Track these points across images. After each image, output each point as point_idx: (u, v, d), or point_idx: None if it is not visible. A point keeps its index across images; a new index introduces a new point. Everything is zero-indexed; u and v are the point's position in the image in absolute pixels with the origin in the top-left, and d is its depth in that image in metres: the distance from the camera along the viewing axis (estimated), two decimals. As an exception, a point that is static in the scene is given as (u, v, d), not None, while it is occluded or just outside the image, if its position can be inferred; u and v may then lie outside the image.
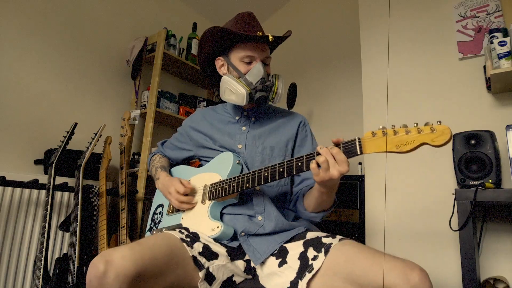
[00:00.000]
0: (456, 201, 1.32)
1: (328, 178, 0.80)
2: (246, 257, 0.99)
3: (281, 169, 0.89)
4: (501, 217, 1.48)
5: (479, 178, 1.35)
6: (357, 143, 0.77)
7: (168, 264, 0.81)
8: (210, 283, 0.87)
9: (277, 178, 0.90)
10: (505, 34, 1.44)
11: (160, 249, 0.82)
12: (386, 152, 0.74)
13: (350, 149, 0.79)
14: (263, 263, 0.95)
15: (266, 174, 0.92)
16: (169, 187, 1.08)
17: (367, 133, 0.77)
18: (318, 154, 0.82)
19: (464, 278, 1.26)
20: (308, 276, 0.83)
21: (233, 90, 1.06)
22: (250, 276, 0.99)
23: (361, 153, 0.77)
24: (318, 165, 0.81)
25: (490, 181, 1.32)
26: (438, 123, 0.70)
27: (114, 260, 0.72)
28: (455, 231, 1.32)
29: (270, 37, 1.06)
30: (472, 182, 1.36)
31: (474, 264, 1.26)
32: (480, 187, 1.28)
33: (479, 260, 1.47)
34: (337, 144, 0.82)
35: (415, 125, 0.72)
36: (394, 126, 0.74)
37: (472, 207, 1.28)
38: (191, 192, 1.10)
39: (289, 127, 1.16)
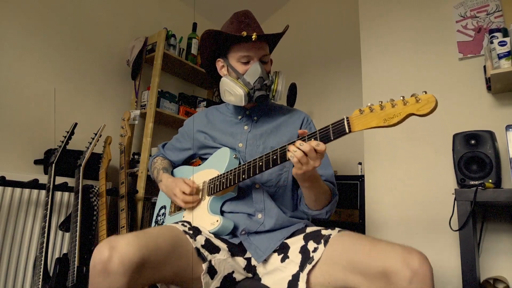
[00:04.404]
0: (456, 201, 1.32)
1: (306, 170, 0.84)
2: (247, 255, 0.99)
3: (275, 157, 0.90)
4: (501, 217, 1.49)
5: (479, 178, 1.35)
6: (346, 122, 0.78)
7: (172, 254, 0.81)
8: (212, 277, 0.88)
9: (271, 166, 0.91)
10: (505, 34, 1.43)
11: (164, 239, 0.82)
12: (374, 128, 0.74)
13: (339, 128, 0.79)
14: (265, 260, 0.95)
15: (260, 163, 0.93)
16: (173, 188, 1.08)
17: (355, 111, 0.77)
18: (310, 138, 0.84)
19: (464, 278, 1.26)
20: (308, 267, 0.83)
21: (231, 92, 1.07)
22: (250, 275, 0.99)
23: (350, 131, 0.77)
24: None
25: (490, 181, 1.32)
26: (424, 93, 0.70)
27: (119, 246, 0.72)
28: (455, 231, 1.32)
29: (263, 35, 1.05)
30: (472, 182, 1.36)
31: (474, 264, 1.26)
32: (480, 187, 1.28)
33: (479, 260, 1.47)
34: (304, 135, 0.85)
35: (401, 98, 0.72)
36: (382, 101, 0.74)
37: (472, 207, 1.28)
38: (197, 190, 1.10)
39: (291, 126, 1.16)
